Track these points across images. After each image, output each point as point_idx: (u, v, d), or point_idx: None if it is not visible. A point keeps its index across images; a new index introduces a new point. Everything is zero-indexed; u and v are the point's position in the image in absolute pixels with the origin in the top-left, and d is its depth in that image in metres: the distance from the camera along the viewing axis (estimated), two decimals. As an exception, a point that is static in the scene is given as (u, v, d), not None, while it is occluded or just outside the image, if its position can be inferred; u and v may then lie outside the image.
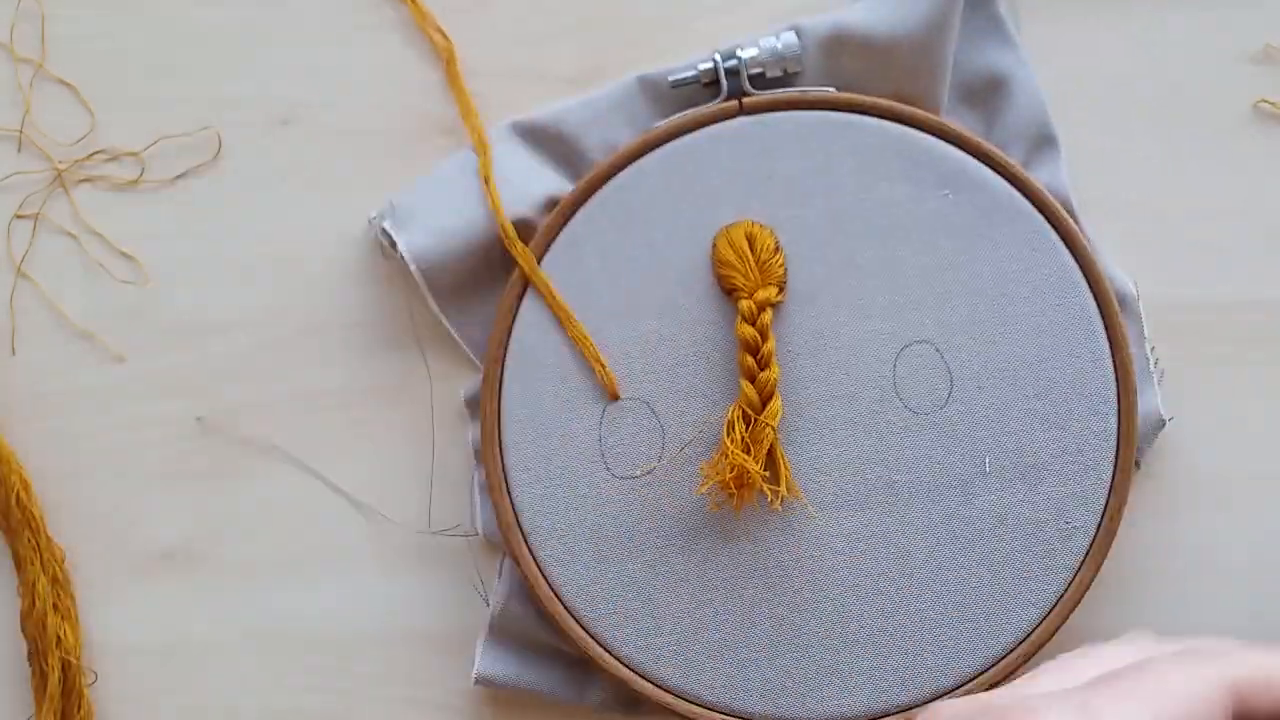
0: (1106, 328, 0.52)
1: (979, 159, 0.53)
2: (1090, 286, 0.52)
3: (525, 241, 0.54)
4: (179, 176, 0.57)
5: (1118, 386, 0.52)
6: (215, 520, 0.55)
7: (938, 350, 0.52)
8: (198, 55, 0.57)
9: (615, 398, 0.53)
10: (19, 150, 0.57)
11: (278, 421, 0.55)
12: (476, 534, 0.54)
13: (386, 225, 0.54)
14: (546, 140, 0.55)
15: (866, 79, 0.54)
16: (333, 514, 0.55)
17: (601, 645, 0.52)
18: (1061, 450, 0.52)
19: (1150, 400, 0.53)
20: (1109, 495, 0.52)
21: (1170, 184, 0.56)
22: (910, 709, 0.51)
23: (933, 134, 0.53)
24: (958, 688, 0.51)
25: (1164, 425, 0.53)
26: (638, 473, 0.52)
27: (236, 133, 0.56)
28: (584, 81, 0.56)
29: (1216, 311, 0.55)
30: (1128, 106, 0.56)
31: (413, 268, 0.53)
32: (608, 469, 0.52)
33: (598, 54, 0.57)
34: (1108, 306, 0.52)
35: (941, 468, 0.52)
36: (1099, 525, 0.51)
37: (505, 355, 0.53)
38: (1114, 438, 0.52)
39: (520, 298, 0.53)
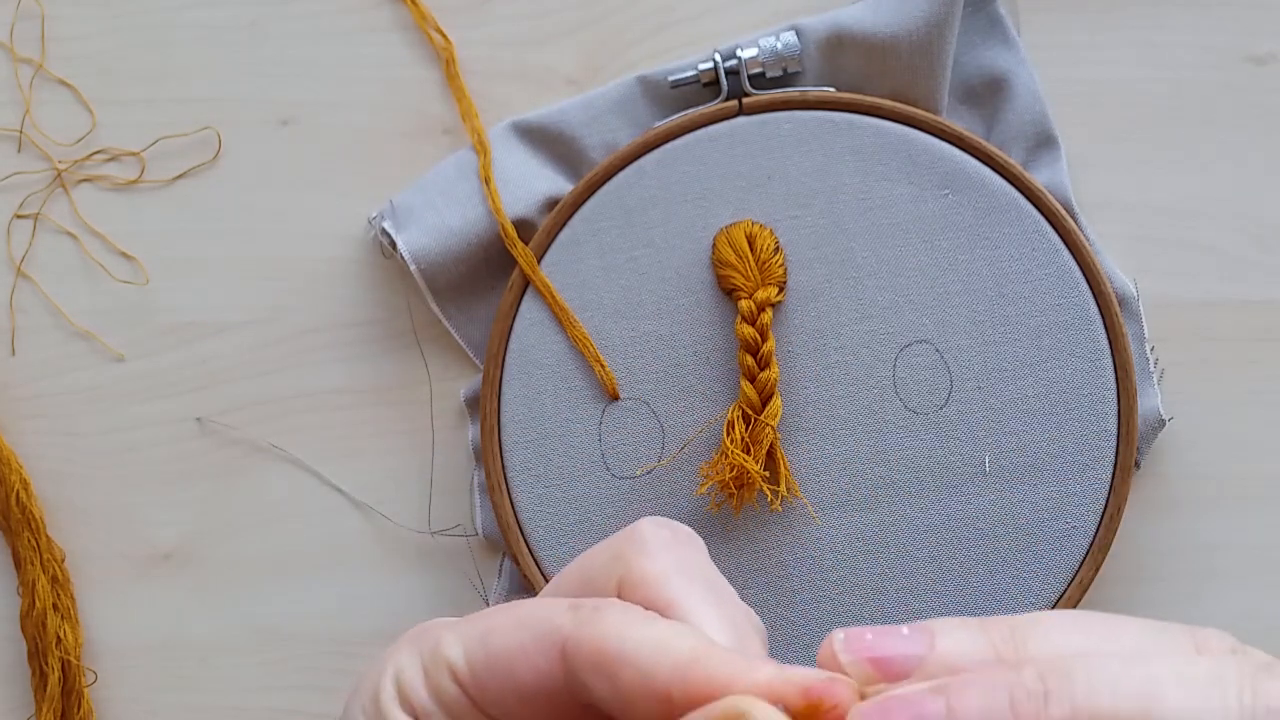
0: (1106, 328, 0.52)
1: (979, 159, 0.53)
2: (1090, 286, 0.52)
3: (525, 241, 0.54)
4: (179, 176, 0.57)
5: (1118, 386, 0.52)
6: (215, 520, 0.55)
7: (937, 350, 0.52)
8: (198, 55, 0.57)
9: (615, 398, 0.53)
10: (19, 150, 0.57)
11: (278, 421, 0.55)
12: (476, 534, 0.54)
13: (386, 225, 0.54)
14: (546, 140, 0.55)
15: (866, 79, 0.54)
16: (333, 514, 0.55)
17: (601, 645, 0.52)
18: (1061, 450, 0.51)
19: (1150, 400, 0.53)
20: (1109, 495, 0.52)
21: (1170, 184, 0.56)
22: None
23: (933, 134, 0.53)
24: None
25: (1164, 425, 0.53)
26: (638, 473, 0.52)
27: (236, 133, 0.56)
28: (584, 81, 0.56)
29: (1216, 311, 0.55)
30: (1127, 107, 0.56)
31: (413, 268, 0.53)
32: (608, 469, 0.52)
33: (598, 54, 0.56)
34: (1108, 306, 0.52)
35: (941, 468, 0.52)
36: (1099, 525, 0.51)
37: (505, 355, 0.53)
38: (1114, 438, 0.52)
39: (520, 298, 0.53)
